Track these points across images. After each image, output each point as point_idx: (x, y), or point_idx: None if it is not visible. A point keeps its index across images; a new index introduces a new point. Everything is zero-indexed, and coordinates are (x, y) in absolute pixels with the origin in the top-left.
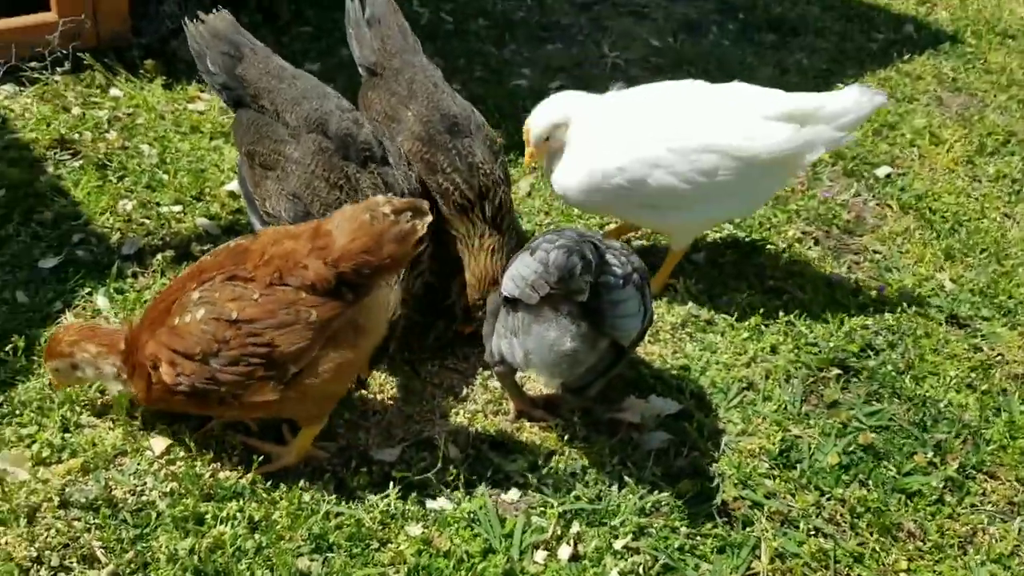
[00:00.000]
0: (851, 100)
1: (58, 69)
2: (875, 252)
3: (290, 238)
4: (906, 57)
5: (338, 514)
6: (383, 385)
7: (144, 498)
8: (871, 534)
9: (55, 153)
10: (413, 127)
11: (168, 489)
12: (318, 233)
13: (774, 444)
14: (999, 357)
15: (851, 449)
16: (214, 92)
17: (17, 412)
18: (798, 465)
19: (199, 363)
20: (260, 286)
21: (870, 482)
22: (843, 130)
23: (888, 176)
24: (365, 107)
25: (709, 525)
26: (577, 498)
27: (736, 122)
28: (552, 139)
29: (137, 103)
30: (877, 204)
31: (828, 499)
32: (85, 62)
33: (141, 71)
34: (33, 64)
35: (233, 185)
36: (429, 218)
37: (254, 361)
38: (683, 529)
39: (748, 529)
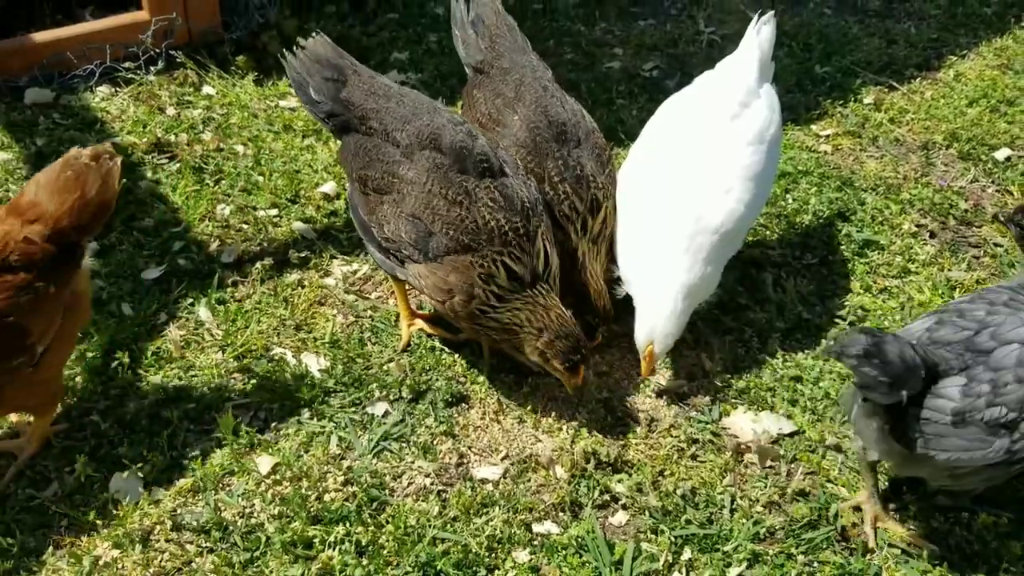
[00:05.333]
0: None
1: (152, 68)
2: (996, 245)
3: None
4: None
5: (444, 540)
6: (484, 399)
7: (253, 520)
8: (1002, 562)
9: (153, 157)
10: (518, 133)
11: (276, 512)
12: (20, 208)
13: None
14: None
15: None
16: (319, 122)
17: (128, 431)
18: (919, 487)
19: None
20: None
21: (1000, 507)
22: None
23: (1008, 159)
24: (469, 105)
25: (827, 552)
26: (688, 522)
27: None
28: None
29: (230, 100)
30: (997, 191)
31: (954, 524)
32: (178, 60)
33: (233, 67)
34: (127, 64)
35: (327, 187)
36: (119, 157)
37: (13, 354)
38: (800, 557)
39: (869, 557)
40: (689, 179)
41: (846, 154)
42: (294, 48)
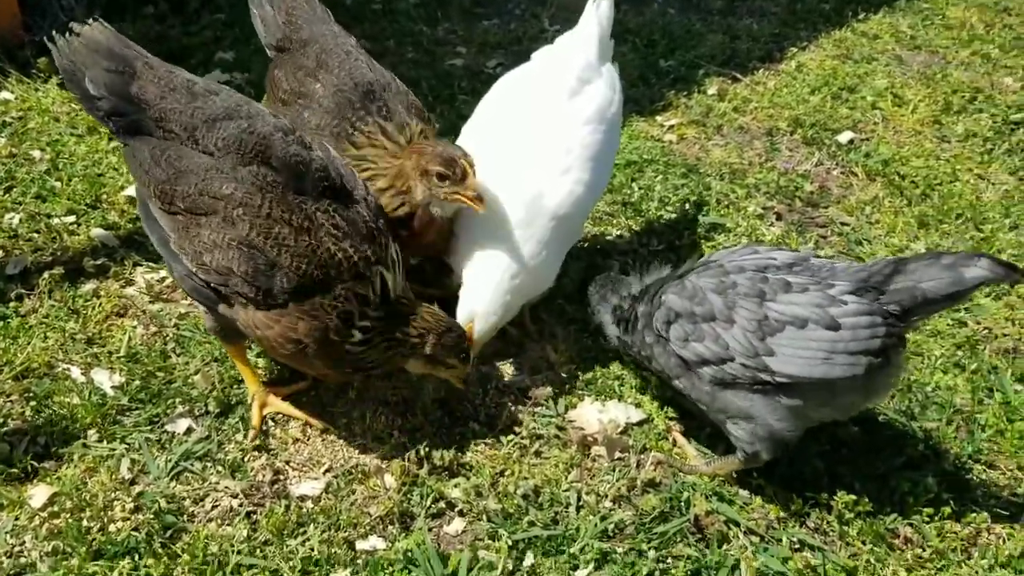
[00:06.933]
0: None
1: None
2: (843, 224)
3: None
4: (861, 16)
5: (251, 566)
6: (304, 405)
7: (23, 560)
8: (864, 543)
9: None
10: (323, 100)
11: (50, 548)
12: None
13: None
14: (986, 332)
15: (833, 447)
16: (99, 122)
17: None
18: (776, 470)
19: None
20: None
21: (857, 483)
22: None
23: (851, 142)
24: (272, 88)
25: (680, 545)
26: (531, 524)
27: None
28: None
29: (29, 105)
30: (841, 172)
31: (813, 506)
32: None
33: (34, 70)
34: None
35: (133, 190)
36: None
37: None
38: (651, 552)
39: (725, 547)
40: (524, 160)
41: (691, 143)
42: (66, 34)
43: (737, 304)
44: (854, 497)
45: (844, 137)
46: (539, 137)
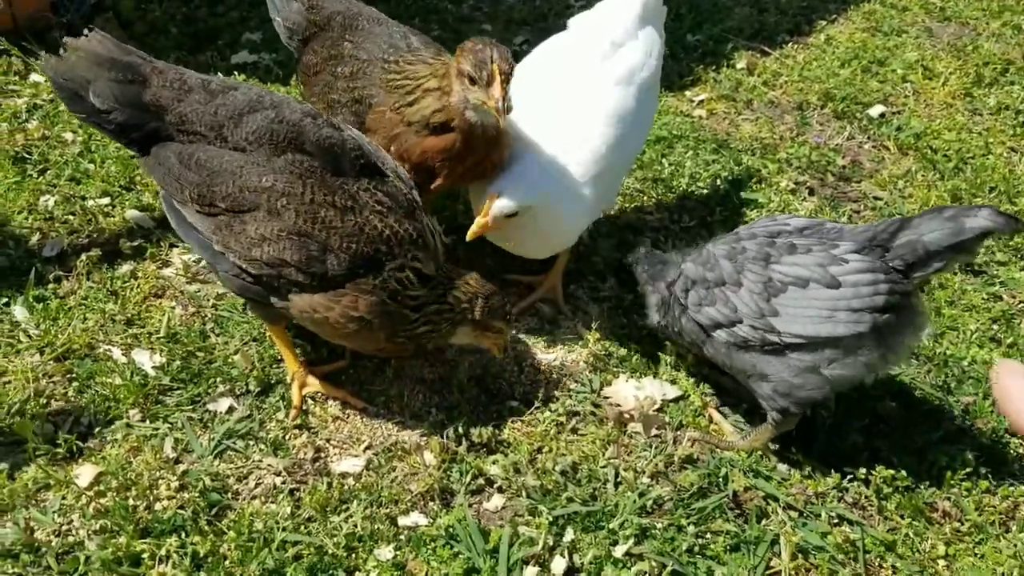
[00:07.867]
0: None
1: None
2: (875, 199)
3: None
4: None
5: (296, 542)
6: (343, 384)
7: (71, 539)
8: (902, 517)
9: None
10: (355, 52)
11: (98, 526)
12: None
13: None
14: (1021, 305)
15: (871, 422)
16: (109, 138)
17: None
18: (814, 445)
19: None
20: None
21: (895, 458)
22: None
23: (882, 116)
24: (304, 74)
25: (719, 521)
26: (570, 500)
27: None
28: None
29: None
30: (873, 146)
31: (851, 481)
32: (1, 47)
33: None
34: None
35: None
36: None
37: None
38: (690, 528)
39: (764, 522)
40: (551, 120)
41: (721, 118)
42: (60, 50)
43: (745, 268)
44: (892, 472)
45: (875, 111)
46: (568, 98)
